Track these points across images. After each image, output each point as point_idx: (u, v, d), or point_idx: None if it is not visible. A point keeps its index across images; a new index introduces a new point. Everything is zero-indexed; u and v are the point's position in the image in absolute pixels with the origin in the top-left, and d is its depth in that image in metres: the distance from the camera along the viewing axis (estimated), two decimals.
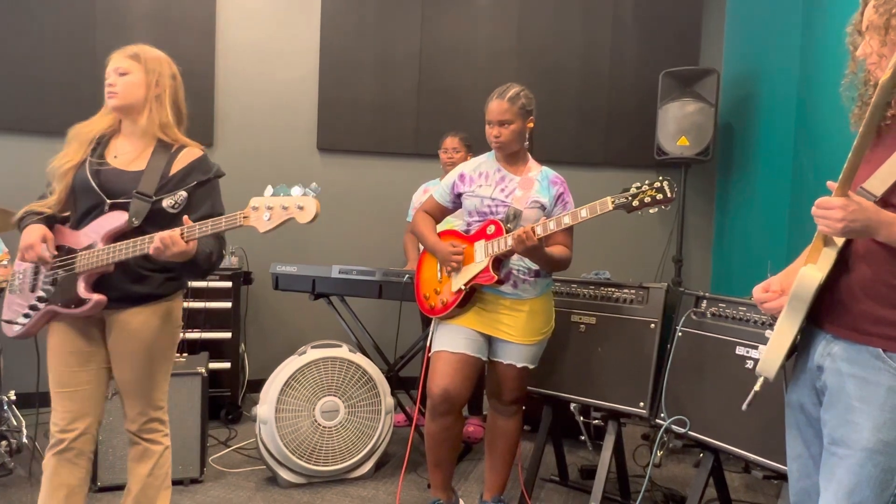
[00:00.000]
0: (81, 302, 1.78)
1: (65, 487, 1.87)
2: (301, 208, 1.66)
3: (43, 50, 3.64)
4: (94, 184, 1.81)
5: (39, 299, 1.83)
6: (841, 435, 1.33)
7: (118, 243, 1.76)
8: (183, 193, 1.80)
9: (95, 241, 1.80)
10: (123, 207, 1.80)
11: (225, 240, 1.94)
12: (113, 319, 1.85)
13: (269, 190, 1.69)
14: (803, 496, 1.51)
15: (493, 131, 2.31)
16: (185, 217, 1.73)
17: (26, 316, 1.86)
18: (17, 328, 1.88)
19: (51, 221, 1.87)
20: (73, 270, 1.80)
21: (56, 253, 1.82)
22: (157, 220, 1.80)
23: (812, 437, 1.47)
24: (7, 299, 1.93)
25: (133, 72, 1.85)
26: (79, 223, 1.85)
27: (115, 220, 1.80)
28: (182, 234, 1.69)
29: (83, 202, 1.84)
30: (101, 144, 1.89)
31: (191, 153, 1.91)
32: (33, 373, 2.35)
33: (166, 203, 1.79)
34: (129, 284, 1.83)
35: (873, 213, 1.25)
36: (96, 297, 1.78)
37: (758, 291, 1.48)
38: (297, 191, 1.67)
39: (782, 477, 1.97)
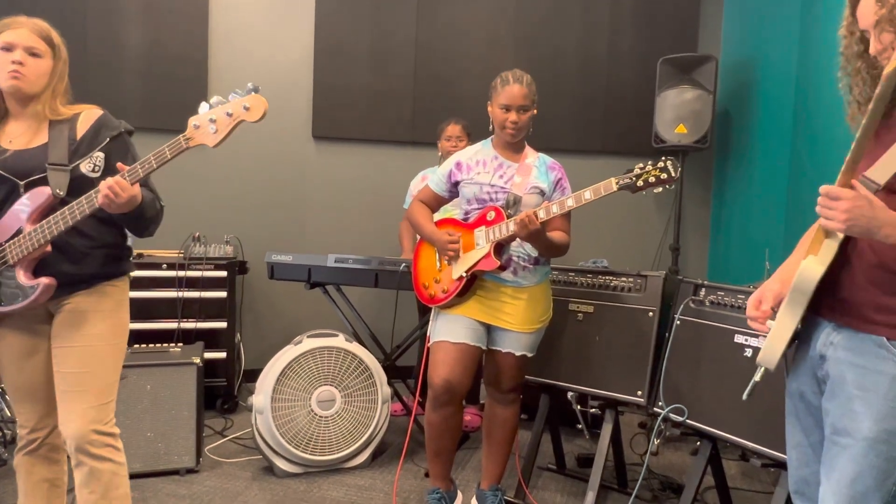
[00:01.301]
0: (30, 291, 1.65)
1: (45, 482, 1.83)
2: (247, 108, 1.56)
3: None
4: (1, 171, 1.67)
5: None
6: (843, 424, 1.32)
7: (49, 218, 1.63)
8: (100, 154, 1.67)
9: (21, 225, 1.66)
10: (40, 184, 1.67)
11: (155, 190, 1.80)
12: (59, 309, 1.73)
13: (203, 106, 1.60)
14: (802, 485, 1.51)
15: (512, 116, 2.27)
16: (119, 164, 1.60)
17: None
18: None
19: None
20: (7, 263, 1.67)
21: None
22: (81, 188, 1.65)
23: (812, 426, 1.46)
24: None
25: (45, 57, 1.71)
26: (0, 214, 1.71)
27: (37, 197, 1.66)
28: (123, 176, 1.57)
29: None
30: None
31: (91, 114, 1.77)
32: None
33: (85, 168, 1.65)
34: (69, 266, 1.70)
35: (880, 211, 1.22)
36: (44, 280, 1.65)
37: (750, 307, 1.46)
38: (234, 96, 1.57)
39: (780, 465, 1.97)
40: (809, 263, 1.34)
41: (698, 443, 2.60)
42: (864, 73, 1.44)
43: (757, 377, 1.47)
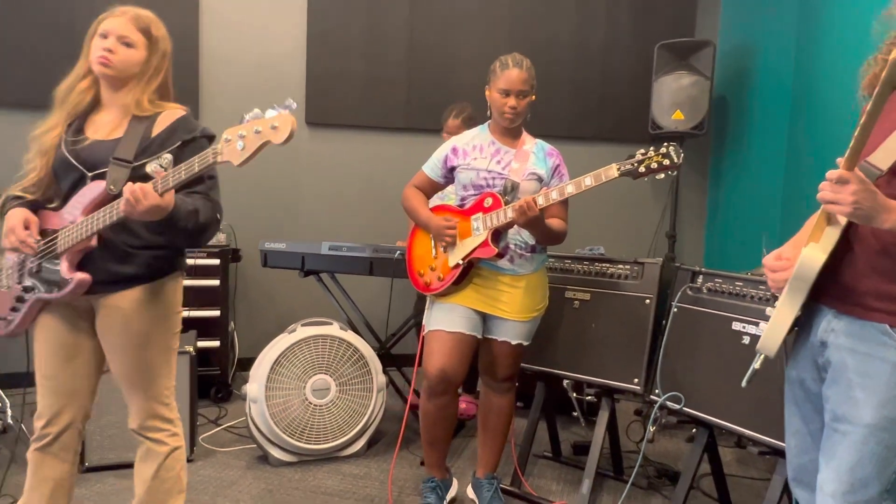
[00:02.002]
0: (65, 283, 1.65)
1: (50, 482, 1.81)
2: (275, 128, 1.45)
3: (20, 20, 3.52)
4: (72, 159, 1.68)
5: (25, 289, 1.71)
6: (843, 411, 1.31)
7: (98, 212, 1.62)
8: (168, 156, 1.59)
9: (76, 216, 1.66)
10: (104, 177, 1.65)
11: (219, 202, 1.78)
12: (100, 305, 1.72)
13: (245, 118, 1.52)
14: (801, 472, 1.50)
15: (510, 101, 2.23)
16: (155, 169, 1.55)
17: (14, 310, 1.74)
18: (7, 325, 1.77)
19: (35, 206, 1.74)
20: (55, 251, 1.69)
21: (39, 238, 1.70)
22: None
23: (811, 413, 1.45)
24: None
25: (138, 47, 1.70)
26: (63, 204, 1.72)
27: (93, 190, 1.66)
28: (155, 185, 1.52)
29: (65, 181, 1.72)
30: (78, 118, 1.76)
31: (172, 114, 1.75)
32: (18, 351, 2.28)
33: (150, 168, 1.60)
34: (113, 265, 1.69)
35: (881, 199, 1.21)
36: (78, 275, 1.64)
37: (770, 259, 1.43)
38: (271, 112, 1.48)
39: (777, 452, 1.97)
40: (811, 251, 1.32)
41: (694, 430, 2.61)
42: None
43: (756, 364, 1.46)
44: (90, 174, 1.68)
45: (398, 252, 2.89)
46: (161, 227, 1.61)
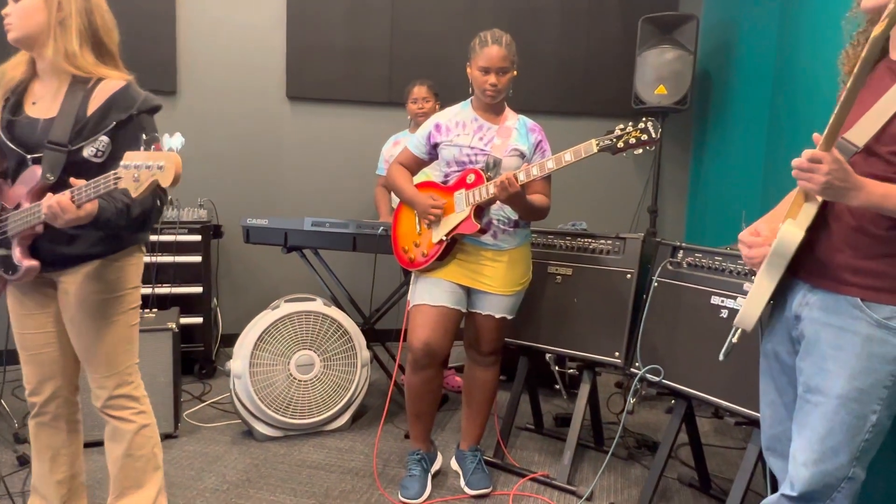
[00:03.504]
0: (16, 269, 1.64)
1: (49, 449, 1.83)
2: (161, 168, 1.35)
3: None
4: (6, 140, 1.61)
5: None
6: (816, 383, 1.34)
7: (32, 205, 1.56)
8: (104, 139, 1.51)
9: (22, 200, 1.62)
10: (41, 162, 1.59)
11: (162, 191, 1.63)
12: (58, 281, 1.71)
13: (141, 145, 1.44)
14: (774, 441, 1.54)
15: (491, 79, 2.22)
16: (73, 179, 1.48)
17: None
18: None
19: None
20: (6, 234, 1.65)
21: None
22: (81, 172, 1.52)
23: (785, 385, 1.49)
24: None
25: None
26: (13, 181, 1.67)
27: (32, 177, 1.59)
28: (72, 197, 1.46)
29: (10, 160, 1.67)
30: (16, 93, 1.66)
31: (109, 86, 1.60)
32: None
33: (87, 152, 1.52)
34: (60, 246, 1.66)
35: (853, 178, 1.23)
36: (26, 263, 1.62)
37: (745, 234, 1.45)
38: (168, 142, 1.41)
39: (752, 422, 2.02)
40: (789, 227, 1.34)
41: (673, 402, 2.66)
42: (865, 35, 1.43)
43: (734, 338, 1.49)
44: (29, 157, 1.62)
45: (381, 228, 2.88)
46: (92, 228, 1.56)
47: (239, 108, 3.93)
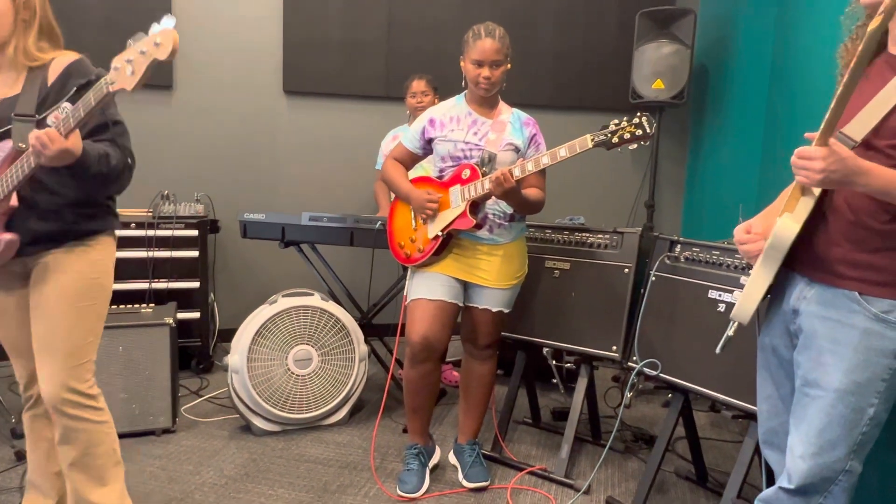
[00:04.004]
0: None
1: (44, 441, 1.83)
2: (158, 45, 1.40)
3: None
4: None
5: None
6: (814, 377, 1.35)
7: (9, 170, 1.59)
8: (66, 105, 1.52)
9: None
10: (8, 136, 1.61)
11: (128, 147, 1.71)
12: (30, 267, 1.69)
13: (129, 43, 1.46)
14: (772, 435, 1.55)
15: (484, 72, 2.21)
16: (55, 115, 1.51)
17: None
18: None
19: None
20: None
21: None
22: None
23: (783, 379, 1.50)
24: None
25: None
26: None
27: (1, 150, 1.61)
28: (58, 129, 1.48)
29: None
30: None
31: (63, 60, 1.67)
32: None
33: (52, 120, 1.53)
34: (34, 223, 1.65)
35: (851, 163, 1.23)
36: (6, 236, 1.60)
37: (739, 232, 1.46)
38: (154, 29, 1.43)
39: (749, 416, 2.03)
40: (785, 221, 1.35)
41: (670, 395, 2.67)
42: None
43: (730, 331, 1.50)
44: None
45: (379, 223, 2.88)
46: (75, 173, 1.57)
47: (235, 103, 3.91)
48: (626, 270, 2.48)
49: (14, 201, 1.63)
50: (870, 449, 1.36)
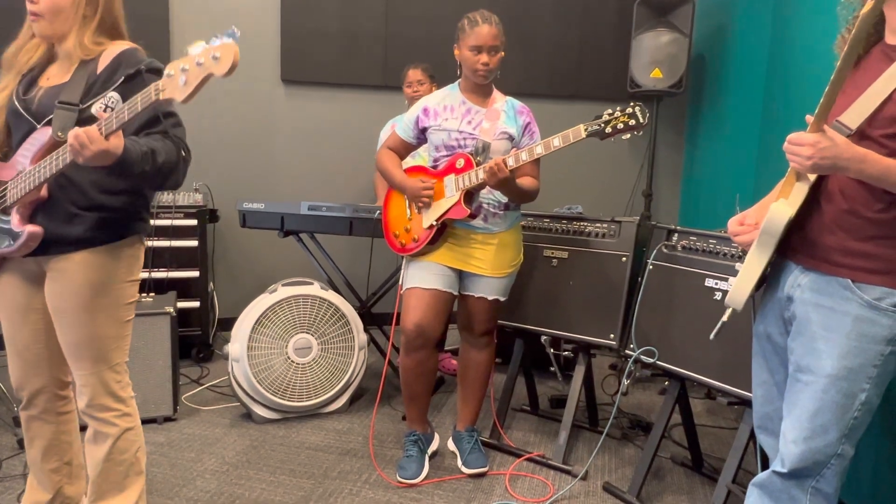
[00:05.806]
0: (17, 236, 1.56)
1: (41, 439, 1.82)
2: (216, 59, 1.32)
3: None
4: (21, 109, 1.60)
5: None
6: (806, 362, 1.37)
7: (44, 160, 1.52)
8: (113, 94, 1.47)
9: (24, 165, 1.57)
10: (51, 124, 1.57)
11: (182, 140, 1.65)
12: (47, 269, 1.64)
13: (188, 51, 1.39)
14: (766, 420, 1.57)
15: (483, 58, 2.22)
16: (98, 112, 1.45)
17: None
18: None
19: None
20: (5, 203, 1.61)
21: None
22: None
23: (777, 366, 1.52)
24: None
25: None
26: (13, 154, 1.63)
27: (41, 137, 1.56)
28: (100, 128, 1.41)
29: (17, 134, 1.64)
30: (32, 74, 1.67)
31: (114, 49, 1.62)
32: None
33: (96, 108, 1.47)
34: (58, 225, 1.59)
35: (844, 149, 1.24)
36: (30, 227, 1.55)
37: (732, 224, 1.49)
38: (214, 42, 1.35)
39: (744, 403, 2.05)
40: (779, 206, 1.36)
41: (667, 383, 2.69)
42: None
43: (725, 317, 1.51)
44: (40, 124, 1.59)
45: (377, 212, 2.89)
46: (116, 172, 1.50)
47: (234, 92, 3.90)
48: (624, 259, 2.50)
49: (44, 192, 1.58)
50: (862, 433, 1.38)
